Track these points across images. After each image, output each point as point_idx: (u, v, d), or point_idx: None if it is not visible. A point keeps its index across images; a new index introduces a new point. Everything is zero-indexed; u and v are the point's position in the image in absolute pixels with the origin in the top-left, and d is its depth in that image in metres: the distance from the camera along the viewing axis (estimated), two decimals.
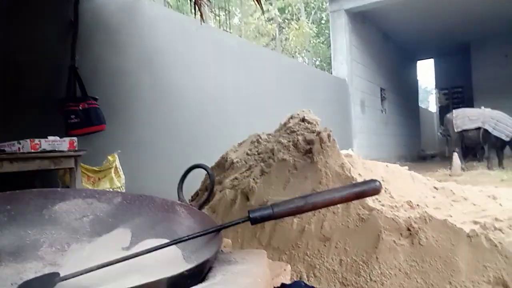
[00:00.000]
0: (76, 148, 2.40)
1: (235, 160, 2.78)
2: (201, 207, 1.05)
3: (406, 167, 4.20)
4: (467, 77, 12.90)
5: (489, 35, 11.75)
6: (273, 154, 2.39)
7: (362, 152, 8.33)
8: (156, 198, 1.06)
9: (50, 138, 2.29)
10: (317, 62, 15.80)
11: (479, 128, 7.76)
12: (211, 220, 0.99)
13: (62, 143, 2.31)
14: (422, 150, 14.38)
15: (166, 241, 0.88)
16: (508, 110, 8.11)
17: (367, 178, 2.63)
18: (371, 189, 0.91)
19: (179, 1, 11.10)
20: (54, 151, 2.25)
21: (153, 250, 0.85)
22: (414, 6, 9.00)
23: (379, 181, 0.93)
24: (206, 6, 3.70)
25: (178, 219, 1.04)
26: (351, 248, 1.69)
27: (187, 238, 0.87)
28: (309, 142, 2.31)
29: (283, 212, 0.87)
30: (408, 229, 1.66)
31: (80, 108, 2.83)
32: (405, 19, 10.08)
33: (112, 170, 2.83)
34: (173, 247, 0.93)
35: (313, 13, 15.05)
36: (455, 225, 1.63)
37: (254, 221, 0.87)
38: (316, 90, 7.39)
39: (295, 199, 0.90)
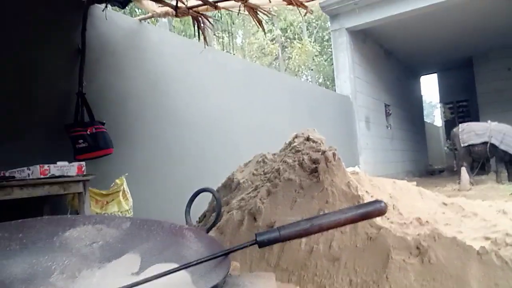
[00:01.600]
0: (85, 173, 2.43)
1: (241, 181, 2.80)
2: (208, 230, 1.06)
3: (414, 183, 4.17)
4: (471, 91, 12.90)
5: (492, 49, 11.80)
6: (279, 174, 2.40)
7: (369, 168, 8.29)
8: (164, 223, 1.08)
9: (59, 163, 2.32)
10: (320, 80, 15.92)
11: (485, 143, 7.71)
12: (219, 244, 1.00)
13: (70, 168, 2.34)
14: (430, 165, 14.28)
15: (175, 265, 0.89)
16: None
17: (375, 196, 2.64)
18: (376, 210, 0.92)
19: (184, 25, 11.34)
20: (63, 176, 2.28)
21: (163, 275, 0.86)
22: (414, 23, 9.10)
23: (384, 202, 0.93)
24: (209, 29, 3.78)
25: (186, 243, 1.05)
26: (361, 268, 1.68)
27: (195, 262, 0.87)
28: (315, 161, 2.32)
29: (290, 235, 0.88)
30: (418, 248, 1.64)
31: (88, 132, 2.87)
32: (406, 36, 10.17)
33: (120, 194, 2.85)
34: (182, 271, 0.94)
35: (315, 32, 15.26)
36: (465, 242, 1.61)
37: (262, 244, 0.88)
38: (321, 108, 7.43)
39: (301, 221, 0.91)
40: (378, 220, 1.91)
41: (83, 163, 2.47)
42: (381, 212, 0.92)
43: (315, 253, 1.81)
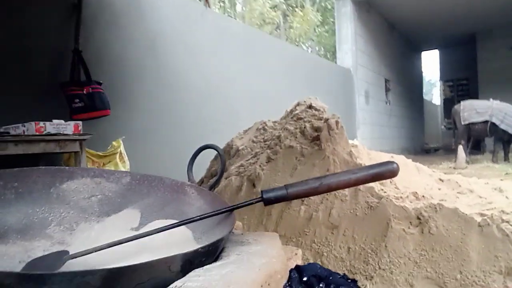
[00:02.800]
0: (81, 132, 2.37)
1: (240, 147, 2.75)
2: (211, 188, 1.02)
3: (410, 160, 4.16)
4: (472, 69, 12.77)
5: (495, 27, 11.60)
6: (279, 141, 2.36)
7: (366, 143, 8.24)
8: (165, 179, 1.04)
9: (55, 121, 2.26)
10: (321, 51, 15.66)
11: (486, 121, 7.69)
12: (223, 201, 0.97)
13: (67, 127, 2.28)
14: (426, 143, 14.31)
15: (176, 221, 0.86)
16: None
17: None
18: (388, 171, 0.89)
19: None
20: (59, 134, 2.23)
21: (163, 230, 0.83)
22: None
23: (396, 163, 0.90)
24: None
25: (188, 200, 1.02)
26: (359, 236, 1.67)
27: (198, 218, 0.84)
28: (317, 129, 2.27)
29: (298, 193, 0.84)
30: (418, 218, 1.63)
31: (84, 92, 2.79)
32: (411, 8, 9.95)
33: (117, 156, 2.81)
34: (183, 228, 0.91)
35: (318, 0, 14.87)
36: (466, 214, 1.60)
37: (268, 201, 0.85)
38: (321, 80, 7.33)
39: (309, 180, 0.88)
40: (377, 189, 1.89)
41: (80, 122, 2.41)
42: (393, 173, 0.88)
43: (314, 220, 1.80)
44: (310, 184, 0.86)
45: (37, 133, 2.14)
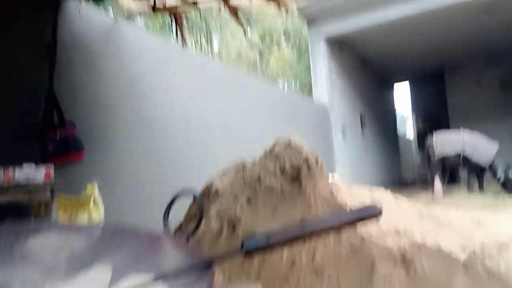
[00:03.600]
0: (53, 178, 2.27)
1: (220, 189, 2.70)
2: (189, 238, 0.97)
3: (389, 192, 4.18)
4: (442, 102, 13.27)
5: (463, 61, 12.20)
6: (259, 181, 2.33)
7: (345, 179, 8.34)
8: (139, 230, 0.98)
9: (25, 167, 2.16)
10: (298, 87, 16.03)
11: (459, 154, 7.90)
12: (199, 253, 0.91)
13: (37, 174, 2.18)
14: (403, 176, 14.55)
15: (151, 276, 0.80)
16: (484, 133, 8.31)
17: (354, 204, 2.59)
18: (371, 214, 0.86)
19: (160, 28, 11.19)
20: (29, 183, 2.12)
21: None
22: (389, 32, 9.31)
23: (379, 206, 0.88)
24: (186, 30, 3.69)
25: (164, 252, 0.96)
26: (345, 280, 1.62)
27: (174, 273, 0.79)
28: (297, 168, 2.26)
29: (281, 241, 0.80)
30: (403, 258, 1.60)
31: (58, 135, 2.71)
32: (381, 45, 10.40)
33: (91, 201, 2.69)
34: (159, 284, 0.84)
35: (292, 39, 15.39)
36: (451, 253, 1.58)
37: (249, 252, 0.80)
38: (299, 116, 7.43)
39: (293, 225, 0.84)
40: (360, 229, 1.85)
41: (51, 168, 2.31)
42: (376, 216, 0.86)
43: (298, 265, 1.74)
44: (293, 230, 0.82)
45: (6, 183, 2.03)
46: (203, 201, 2.56)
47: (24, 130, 2.72)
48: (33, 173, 2.19)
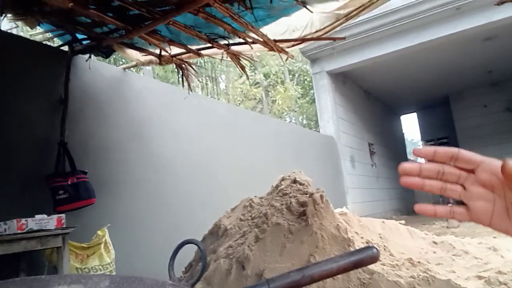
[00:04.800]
0: (64, 226, 2.33)
1: (228, 227, 2.72)
2: (193, 285, 1.00)
3: (403, 221, 4.14)
4: (451, 128, 13.25)
5: (467, 87, 12.31)
6: (266, 218, 2.35)
7: (357, 208, 8.25)
8: (146, 279, 1.01)
9: (38, 216, 2.23)
10: (304, 121, 16.18)
11: None
12: None
13: (49, 221, 2.24)
14: (417, 202, 14.28)
15: None
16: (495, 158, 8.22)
17: (365, 237, 2.59)
18: (368, 257, 0.88)
19: (167, 72, 11.54)
20: (41, 230, 2.18)
21: None
22: (391, 64, 9.47)
23: (376, 248, 0.90)
24: (193, 76, 3.84)
25: None
26: None
27: None
28: (303, 204, 2.28)
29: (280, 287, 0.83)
30: None
31: (69, 182, 2.79)
32: (384, 76, 10.55)
33: (102, 246, 2.73)
34: None
35: (296, 75, 15.70)
36: (460, 284, 1.57)
37: None
38: (306, 149, 7.48)
39: (291, 272, 0.86)
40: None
41: (63, 215, 2.38)
42: (373, 259, 0.88)
43: None
44: (292, 277, 0.84)
45: (19, 231, 2.09)
46: (205, 251, 2.58)
47: (37, 180, 2.80)
48: (46, 221, 2.25)
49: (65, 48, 3.32)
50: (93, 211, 3.04)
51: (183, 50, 3.32)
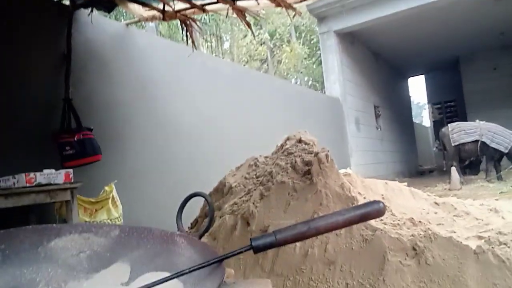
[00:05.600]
0: (72, 180, 2.36)
1: (233, 185, 2.75)
2: (201, 236, 1.02)
3: (405, 183, 4.18)
4: (458, 91, 13.06)
5: (477, 49, 11.98)
6: (271, 177, 2.37)
7: (360, 170, 8.31)
8: (154, 230, 1.03)
9: (46, 171, 2.26)
10: (310, 82, 15.96)
11: (476, 141, 7.78)
12: (212, 250, 0.96)
13: (57, 176, 2.28)
14: (420, 165, 14.38)
15: (167, 274, 0.85)
16: (501, 122, 8.17)
17: (368, 197, 2.61)
18: (375, 211, 0.89)
19: (171, 30, 11.28)
20: (50, 184, 2.22)
21: (153, 285, 0.82)
22: (400, 25, 9.19)
23: (382, 202, 0.91)
24: (197, 32, 3.75)
25: (178, 250, 1.01)
26: (357, 271, 1.65)
27: (188, 270, 0.83)
28: (307, 163, 2.29)
29: (286, 239, 0.84)
30: (414, 248, 1.62)
31: (75, 139, 2.81)
32: (393, 37, 10.27)
33: (110, 201, 2.79)
34: (174, 280, 0.89)
35: (303, 34, 15.32)
36: (461, 242, 1.60)
37: (257, 249, 0.84)
38: (311, 110, 7.43)
39: (298, 224, 0.88)
40: (372, 221, 1.88)
41: (71, 170, 2.41)
42: (379, 213, 0.89)
43: (310, 257, 1.78)
44: (298, 229, 0.86)
45: (28, 185, 2.13)
46: (213, 203, 2.61)
47: (43, 136, 2.82)
48: (54, 175, 2.28)
49: (66, 2, 3.23)
50: (100, 168, 3.08)
51: (187, 5, 3.22)
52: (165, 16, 3.29)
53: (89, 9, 3.25)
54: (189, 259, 0.96)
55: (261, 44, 14.48)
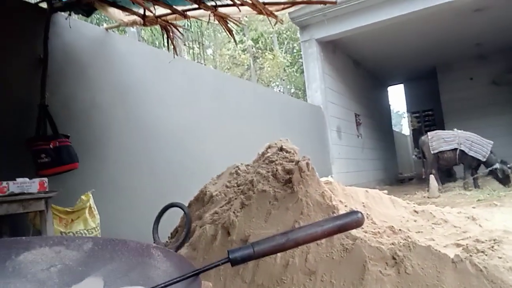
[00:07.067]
0: (47, 189, 2.29)
1: (214, 193, 2.72)
2: (178, 248, 0.99)
3: (386, 191, 4.22)
4: (436, 100, 13.35)
5: (454, 59, 12.30)
6: (252, 185, 2.35)
7: (342, 177, 8.37)
8: (129, 242, 1.00)
9: (19, 180, 2.18)
10: (292, 90, 16.08)
11: (455, 149, 7.96)
12: (189, 263, 0.93)
13: (31, 185, 2.20)
14: (400, 173, 14.60)
15: (142, 287, 0.82)
16: (478, 131, 8.39)
17: (349, 205, 2.62)
18: (353, 221, 0.88)
19: (154, 35, 11.21)
20: (23, 193, 2.14)
21: None
22: (381, 34, 9.37)
23: (360, 213, 0.90)
24: (179, 39, 3.72)
25: (154, 263, 0.98)
26: (337, 281, 1.64)
27: (163, 285, 0.81)
28: (288, 172, 2.28)
29: (264, 251, 0.83)
30: (393, 258, 1.63)
31: (51, 146, 2.72)
32: (373, 46, 10.45)
33: (86, 210, 2.71)
34: None
35: (285, 42, 15.44)
36: (440, 251, 1.61)
37: (235, 262, 0.82)
38: (293, 118, 7.47)
39: (276, 236, 0.86)
40: (353, 230, 1.88)
41: (45, 179, 2.33)
42: (358, 223, 0.88)
43: (291, 266, 1.76)
44: (276, 241, 0.84)
45: (0, 194, 2.05)
46: (190, 215, 2.58)
47: (18, 143, 2.73)
48: (27, 184, 2.21)
49: (44, 4, 3.16)
50: (77, 176, 2.99)
51: (169, 11, 3.19)
52: (146, 21, 3.26)
53: (67, 13, 3.19)
54: (165, 272, 0.93)
55: (244, 51, 14.53)
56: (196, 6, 2.97)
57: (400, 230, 2.62)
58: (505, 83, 11.80)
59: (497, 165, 7.51)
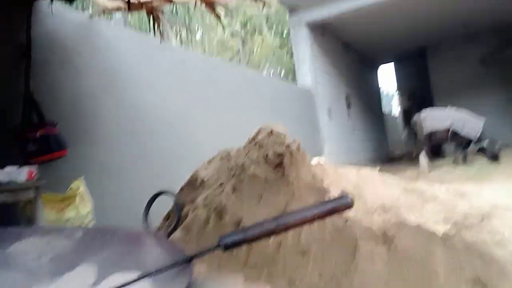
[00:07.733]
0: (36, 178, 2.27)
1: (205, 178, 2.72)
2: (169, 234, 0.99)
3: (377, 171, 4.26)
4: (426, 80, 13.40)
5: (444, 40, 12.31)
6: (243, 169, 2.35)
7: (333, 158, 8.42)
8: (120, 230, 1.01)
9: (7, 169, 2.16)
10: (282, 73, 15.98)
11: (447, 129, 8.03)
12: (180, 249, 0.94)
13: (20, 174, 2.18)
14: (391, 151, 14.74)
15: (135, 274, 0.83)
16: (468, 110, 8.45)
17: (340, 185, 2.63)
18: (343, 205, 0.90)
19: (142, 20, 10.98)
20: (12, 182, 2.12)
21: (123, 286, 0.79)
22: (370, 15, 9.31)
23: (350, 197, 0.91)
24: (167, 23, 3.65)
25: (146, 249, 0.98)
26: (329, 260, 1.67)
27: (155, 271, 0.81)
28: (279, 155, 2.28)
29: (255, 236, 0.84)
30: (384, 236, 1.65)
31: (38, 134, 2.69)
32: (363, 27, 10.39)
33: (77, 197, 2.70)
34: (141, 281, 0.87)
35: (274, 25, 15.25)
36: (429, 229, 1.64)
37: (226, 247, 0.83)
38: (283, 101, 7.45)
39: (267, 220, 0.87)
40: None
41: (34, 167, 2.31)
42: (347, 207, 0.89)
43: (284, 247, 1.78)
44: (267, 225, 0.85)
45: None
46: (180, 201, 2.58)
47: (3, 133, 2.69)
48: (16, 173, 2.19)
49: None
50: (67, 163, 2.97)
51: None
52: (131, 7, 3.19)
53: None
54: (157, 258, 0.94)
55: (232, 35, 14.34)
56: None
57: (390, 208, 2.66)
58: (494, 63, 11.86)
59: (484, 144, 7.61)
